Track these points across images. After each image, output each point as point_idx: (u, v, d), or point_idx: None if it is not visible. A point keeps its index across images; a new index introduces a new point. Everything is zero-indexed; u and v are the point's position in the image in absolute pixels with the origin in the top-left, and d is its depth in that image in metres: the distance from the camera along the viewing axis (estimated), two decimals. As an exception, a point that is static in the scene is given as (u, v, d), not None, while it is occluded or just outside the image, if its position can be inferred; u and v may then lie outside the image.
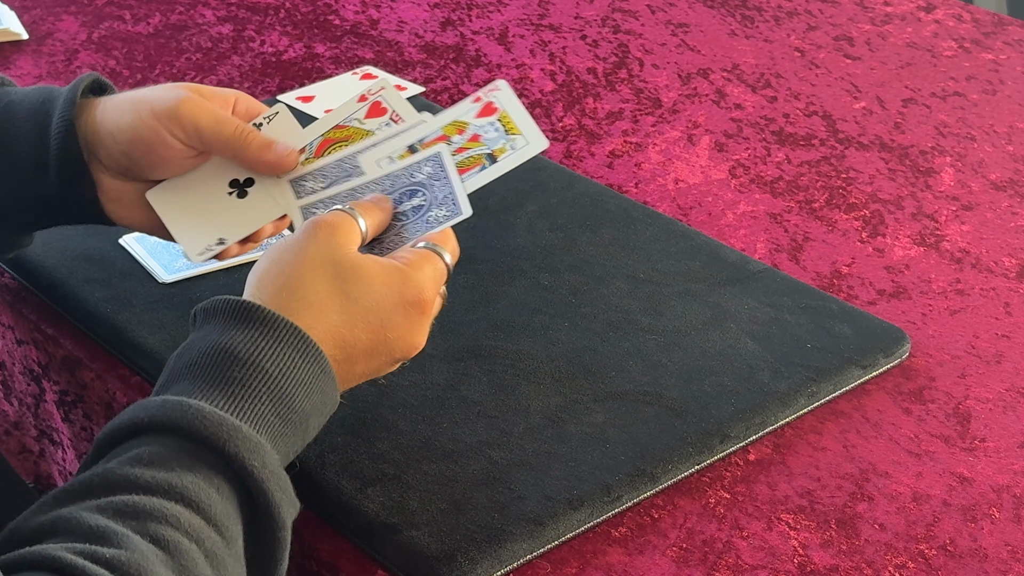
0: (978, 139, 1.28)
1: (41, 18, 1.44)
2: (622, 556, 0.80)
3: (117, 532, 0.63)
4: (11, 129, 0.88)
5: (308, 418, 0.75)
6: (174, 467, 0.68)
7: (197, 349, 0.74)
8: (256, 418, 0.72)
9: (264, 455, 0.70)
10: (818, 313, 0.98)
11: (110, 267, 1.00)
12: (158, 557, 0.63)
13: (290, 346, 0.74)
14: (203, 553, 0.66)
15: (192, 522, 0.66)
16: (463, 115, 0.88)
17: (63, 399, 0.98)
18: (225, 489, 0.68)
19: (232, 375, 0.72)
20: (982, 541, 0.83)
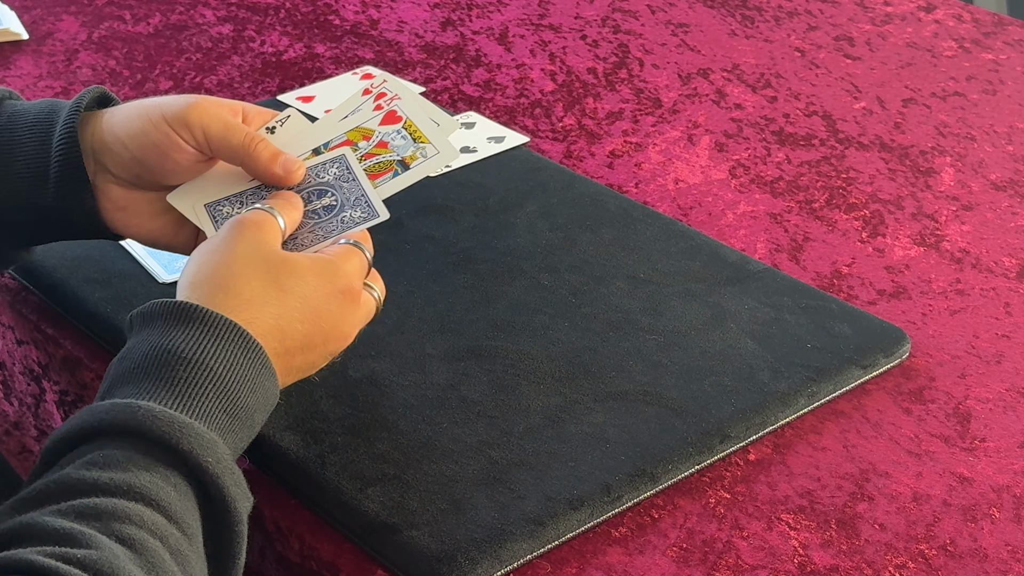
0: (978, 139, 1.28)
1: (41, 18, 1.44)
2: (622, 556, 0.80)
3: (84, 533, 0.64)
4: (14, 139, 0.88)
5: (253, 414, 0.76)
6: (130, 468, 0.68)
7: (139, 352, 0.75)
8: (205, 415, 0.73)
9: (217, 451, 0.71)
10: (818, 313, 0.98)
11: (110, 267, 1.00)
12: (127, 555, 0.64)
13: (232, 343, 0.75)
14: (167, 550, 0.66)
15: (154, 520, 0.67)
16: (366, 122, 0.89)
17: (63, 399, 0.98)
18: (182, 487, 0.69)
19: (177, 375, 0.73)
20: (982, 541, 0.83)
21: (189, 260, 0.81)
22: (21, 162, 0.88)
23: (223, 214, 0.88)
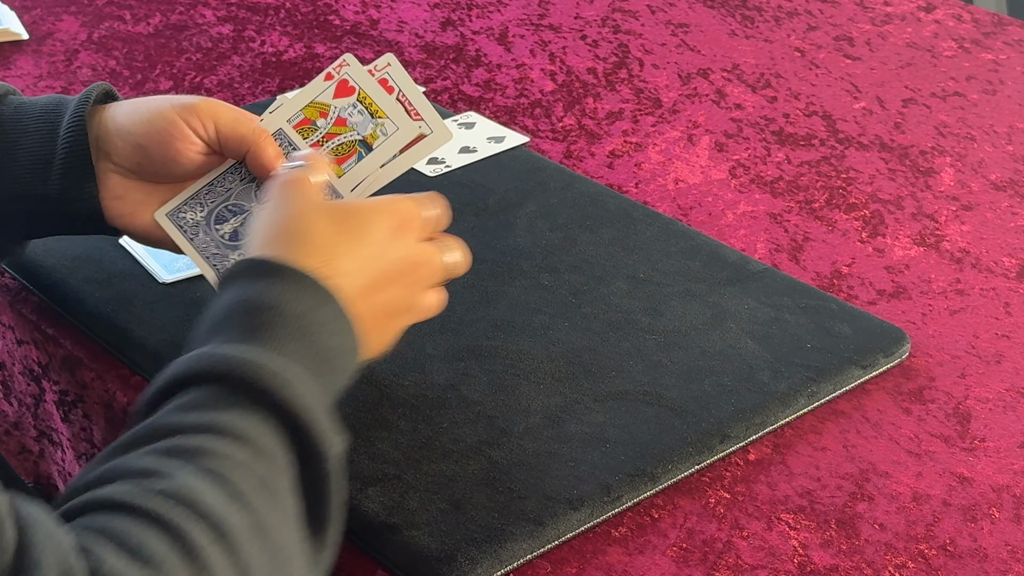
0: (978, 139, 1.28)
1: (41, 18, 1.44)
2: (622, 556, 0.80)
3: (166, 468, 0.65)
4: (18, 128, 0.89)
5: (335, 358, 0.75)
6: (215, 408, 0.69)
7: (217, 308, 0.75)
8: (283, 352, 0.73)
9: (298, 386, 0.70)
10: (818, 313, 0.98)
11: (110, 267, 1.00)
12: (208, 486, 0.65)
13: (307, 290, 0.75)
14: (254, 480, 0.67)
15: (239, 453, 0.67)
16: (319, 95, 0.89)
17: (63, 399, 0.98)
18: (266, 422, 0.69)
19: (255, 321, 0.74)
20: (982, 541, 0.83)
21: (253, 224, 0.81)
22: (25, 150, 0.88)
23: (186, 220, 0.88)
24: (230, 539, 0.64)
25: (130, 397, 0.91)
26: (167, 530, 0.62)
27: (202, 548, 0.62)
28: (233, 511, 0.65)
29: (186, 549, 0.62)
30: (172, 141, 0.87)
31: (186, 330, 0.94)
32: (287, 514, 0.68)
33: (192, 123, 0.87)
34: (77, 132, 0.88)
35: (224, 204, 0.89)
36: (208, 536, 0.63)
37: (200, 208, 0.89)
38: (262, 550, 0.65)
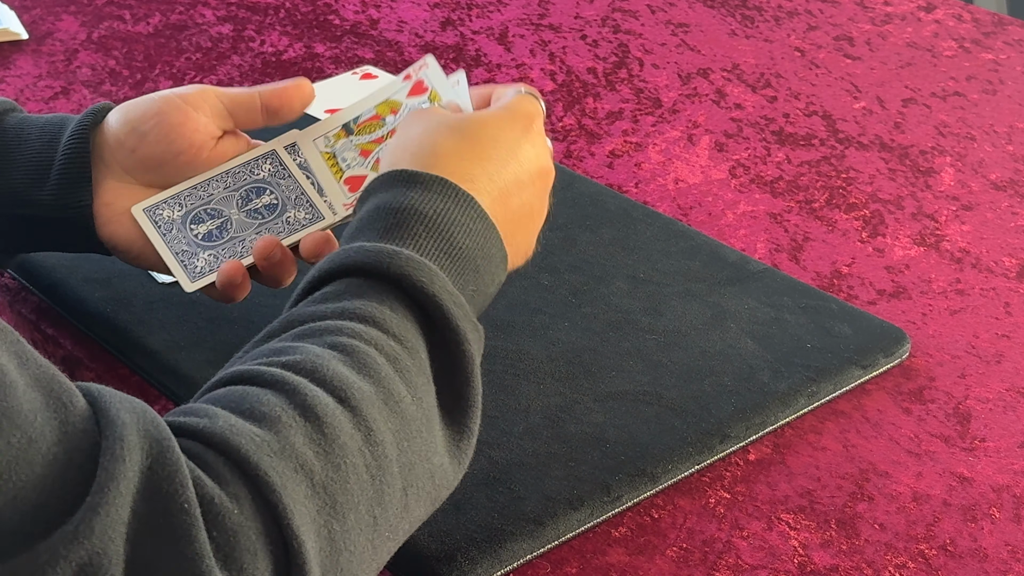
0: (978, 139, 1.28)
1: (41, 18, 1.44)
2: (622, 556, 0.80)
3: (295, 346, 0.67)
4: (20, 138, 0.89)
5: (473, 257, 0.76)
6: (346, 297, 0.70)
7: (359, 217, 0.77)
8: (418, 248, 0.74)
9: (431, 274, 0.71)
10: (818, 313, 0.98)
11: (110, 267, 1.00)
12: (335, 357, 0.66)
13: (442, 193, 0.76)
14: (383, 356, 0.68)
15: (369, 332, 0.68)
16: (395, 94, 0.89)
17: (63, 399, 0.98)
18: (399, 308, 0.70)
19: (388, 222, 0.75)
20: (982, 541, 0.83)
21: (383, 158, 0.82)
22: (25, 157, 0.88)
23: (162, 217, 0.88)
24: (353, 404, 0.64)
25: (130, 397, 0.91)
26: (285, 393, 0.63)
27: (323, 408, 0.63)
28: (358, 379, 0.65)
29: (305, 408, 0.63)
30: (177, 126, 0.87)
31: (186, 330, 0.94)
32: (419, 390, 0.68)
33: (200, 105, 0.87)
34: (79, 140, 0.87)
35: (203, 207, 0.89)
36: (329, 399, 0.64)
37: (179, 208, 0.88)
38: (389, 418, 0.66)
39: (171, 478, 0.57)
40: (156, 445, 0.57)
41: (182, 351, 0.92)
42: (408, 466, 0.66)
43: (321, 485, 0.61)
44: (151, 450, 0.57)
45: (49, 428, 0.56)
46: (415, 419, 0.67)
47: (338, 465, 0.62)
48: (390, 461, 0.65)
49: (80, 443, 0.56)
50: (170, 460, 0.57)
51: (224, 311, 0.95)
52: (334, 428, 0.63)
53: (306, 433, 0.62)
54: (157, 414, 0.60)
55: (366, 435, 0.64)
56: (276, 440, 0.61)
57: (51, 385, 0.57)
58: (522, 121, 0.82)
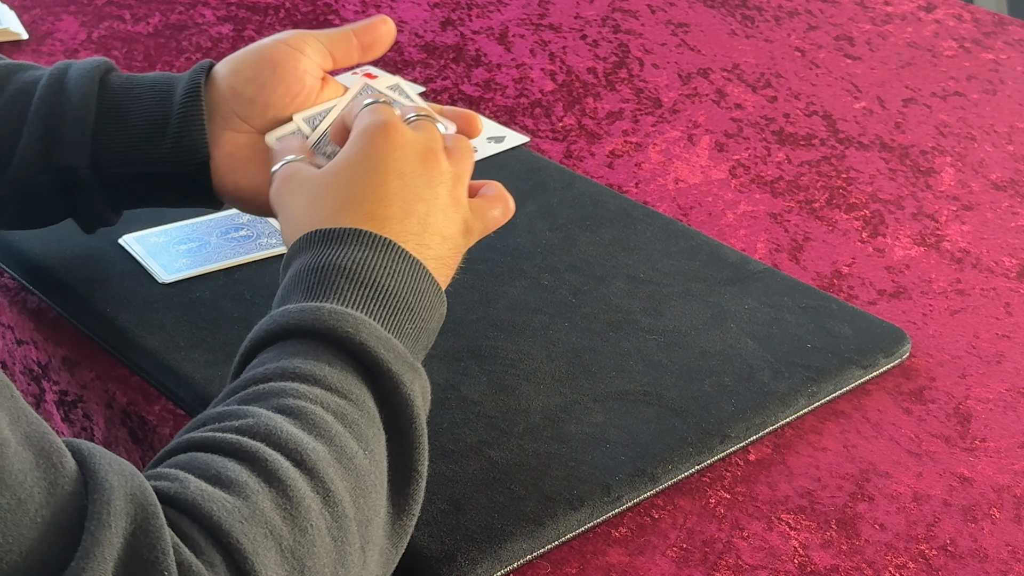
0: (978, 139, 1.28)
1: (41, 18, 1.44)
2: (622, 556, 0.80)
3: (244, 410, 0.67)
4: (132, 95, 0.92)
5: (403, 297, 0.76)
6: (283, 358, 0.71)
7: (281, 287, 0.78)
8: (343, 300, 0.74)
9: (356, 322, 0.72)
10: (818, 313, 0.98)
11: (110, 267, 1.00)
12: (285, 420, 0.66)
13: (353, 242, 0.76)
14: (330, 413, 0.68)
15: (312, 391, 0.69)
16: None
17: (63, 399, 0.98)
18: (337, 362, 0.71)
19: (310, 281, 0.75)
20: (982, 541, 0.83)
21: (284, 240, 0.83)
22: (138, 117, 0.91)
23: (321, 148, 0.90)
24: (309, 466, 0.65)
25: (130, 397, 0.91)
26: (247, 459, 0.64)
27: (284, 472, 0.63)
28: (311, 440, 0.66)
29: (268, 474, 0.63)
30: (284, 64, 0.89)
31: (186, 330, 0.94)
32: (369, 442, 0.69)
33: (299, 45, 0.89)
34: (193, 95, 0.90)
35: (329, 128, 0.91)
36: (288, 463, 0.64)
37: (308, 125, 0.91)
38: (344, 476, 0.66)
39: (153, 546, 0.57)
40: (141, 511, 0.58)
41: (182, 351, 0.92)
42: (364, 523, 0.67)
43: (289, 550, 0.62)
44: (136, 516, 0.58)
45: (38, 489, 0.56)
46: (368, 473, 0.68)
47: (304, 529, 0.63)
48: (348, 520, 0.66)
49: (67, 505, 0.57)
50: (154, 527, 0.58)
51: (224, 311, 0.96)
52: (297, 492, 0.63)
53: (272, 499, 0.63)
54: (144, 478, 0.60)
55: (324, 497, 0.65)
56: (246, 506, 0.61)
57: (42, 444, 0.57)
58: (375, 139, 0.81)
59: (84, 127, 0.90)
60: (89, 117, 0.90)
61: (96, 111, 0.90)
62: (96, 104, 0.91)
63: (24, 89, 0.92)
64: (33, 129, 0.90)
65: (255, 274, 1.00)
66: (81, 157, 0.90)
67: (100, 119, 0.91)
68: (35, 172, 0.91)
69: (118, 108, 0.91)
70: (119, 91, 0.92)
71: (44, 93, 0.91)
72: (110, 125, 0.91)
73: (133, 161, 0.91)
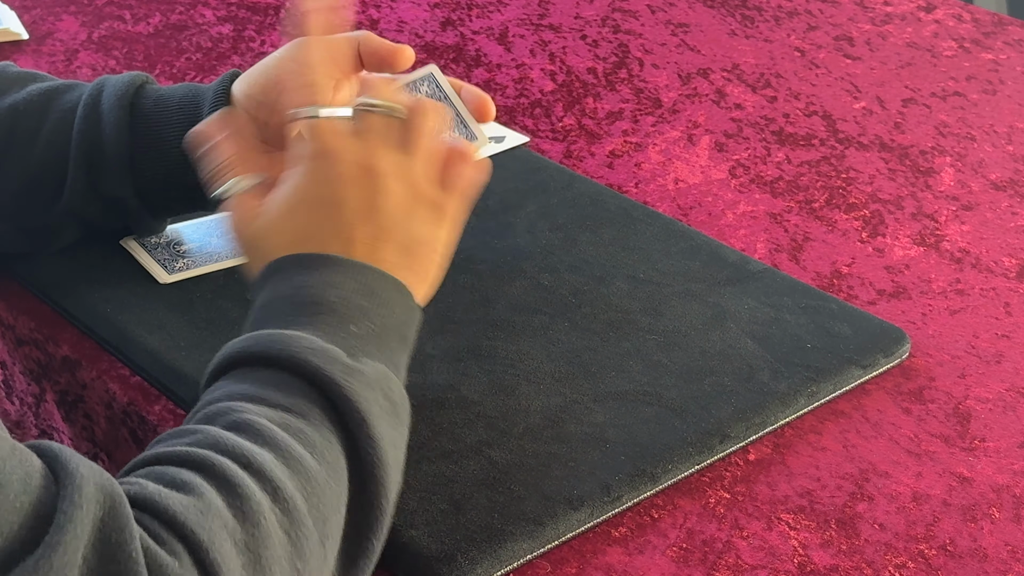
0: (978, 139, 1.28)
1: (41, 18, 1.44)
2: (622, 556, 0.80)
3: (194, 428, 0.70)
4: (163, 119, 0.94)
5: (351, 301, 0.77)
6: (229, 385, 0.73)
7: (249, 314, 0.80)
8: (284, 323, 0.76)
9: (287, 339, 0.73)
10: (818, 313, 0.98)
11: (110, 267, 1.00)
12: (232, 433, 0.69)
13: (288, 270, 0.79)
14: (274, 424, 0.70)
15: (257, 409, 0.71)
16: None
17: (63, 399, 0.98)
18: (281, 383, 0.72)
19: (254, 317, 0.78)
20: (982, 541, 0.83)
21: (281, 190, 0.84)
22: (171, 143, 0.94)
23: None
24: (256, 467, 0.67)
25: (130, 397, 0.91)
26: (197, 466, 0.66)
27: (231, 473, 0.66)
28: (256, 448, 0.68)
29: (217, 476, 0.66)
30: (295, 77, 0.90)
31: (186, 330, 0.94)
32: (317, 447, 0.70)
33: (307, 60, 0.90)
34: None
35: None
36: (235, 466, 0.67)
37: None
38: (292, 477, 0.68)
39: (121, 529, 0.60)
40: (109, 499, 0.61)
41: (182, 351, 0.92)
42: (321, 519, 0.69)
43: (243, 543, 0.64)
44: (105, 503, 0.60)
45: (16, 477, 0.59)
46: (319, 474, 0.70)
47: (256, 523, 0.65)
48: (302, 515, 0.67)
49: (42, 495, 0.60)
50: (122, 514, 0.61)
51: (224, 311, 0.96)
52: (245, 490, 0.66)
53: (223, 498, 0.65)
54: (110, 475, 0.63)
55: (273, 495, 0.67)
56: (200, 503, 0.64)
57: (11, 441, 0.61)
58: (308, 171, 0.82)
59: (122, 159, 0.94)
60: (124, 149, 0.94)
61: (130, 141, 0.94)
62: (129, 135, 0.94)
63: (63, 118, 0.95)
64: (77, 163, 0.94)
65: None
66: (125, 187, 0.95)
67: (136, 148, 0.94)
68: (86, 203, 0.96)
69: (151, 136, 0.94)
70: (151, 115, 0.95)
71: (82, 126, 0.94)
72: (146, 154, 0.94)
73: (172, 185, 0.95)
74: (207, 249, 1.02)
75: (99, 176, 0.94)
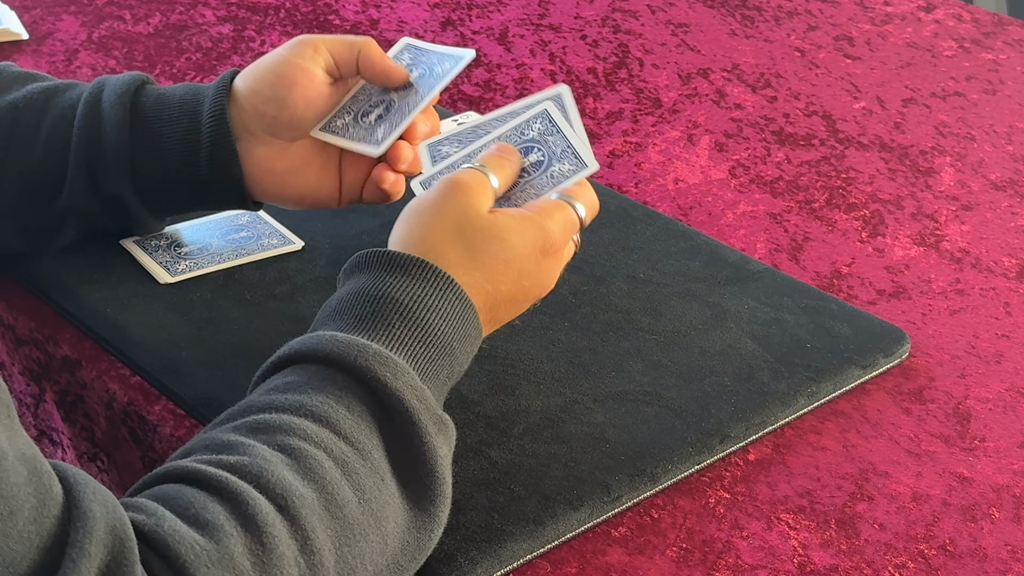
0: (978, 139, 1.28)
1: (41, 18, 1.44)
2: (622, 556, 0.80)
3: (244, 443, 0.68)
4: (163, 118, 0.95)
5: (449, 342, 0.77)
6: (306, 390, 0.72)
7: (338, 297, 0.78)
8: (390, 340, 0.75)
9: (396, 368, 0.73)
10: (818, 313, 0.98)
11: (110, 267, 1.00)
12: (282, 461, 0.67)
13: (422, 279, 0.77)
14: (331, 459, 0.69)
15: (320, 434, 0.69)
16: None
17: (63, 399, 0.98)
18: (357, 405, 0.72)
19: (364, 310, 0.76)
20: (982, 541, 0.83)
21: (399, 221, 0.83)
22: (171, 142, 0.94)
23: (337, 126, 0.94)
24: (292, 512, 0.66)
25: (130, 397, 0.91)
26: (228, 501, 0.64)
27: (263, 517, 0.64)
28: (300, 486, 0.67)
29: (246, 518, 0.64)
30: (297, 78, 0.92)
31: (186, 330, 0.94)
32: (367, 492, 0.69)
33: (306, 56, 0.92)
34: (219, 118, 0.93)
35: (367, 103, 0.95)
36: (270, 507, 0.65)
37: (348, 114, 0.95)
38: (330, 524, 0.67)
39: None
40: (119, 544, 0.60)
41: (182, 351, 0.92)
42: (348, 572, 0.68)
43: None
44: (114, 548, 0.59)
45: (28, 505, 0.58)
46: (359, 523, 0.69)
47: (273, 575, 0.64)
48: (326, 570, 0.66)
49: (52, 528, 0.58)
50: (128, 561, 0.60)
51: (224, 311, 0.96)
52: (272, 538, 0.64)
53: (245, 543, 0.64)
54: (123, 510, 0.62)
55: (302, 544, 0.66)
56: (216, 550, 0.63)
57: (35, 464, 0.59)
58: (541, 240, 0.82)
59: (122, 157, 0.94)
60: (124, 147, 0.94)
61: (130, 139, 0.94)
62: (129, 133, 0.94)
63: (63, 116, 0.95)
64: (77, 161, 0.94)
65: (255, 274, 1.00)
66: (124, 185, 0.95)
67: (135, 147, 0.94)
68: (86, 201, 0.96)
69: (151, 135, 0.95)
70: (150, 114, 0.95)
71: (82, 123, 0.94)
72: (146, 153, 0.95)
73: (171, 184, 0.96)
74: (208, 250, 1.02)
75: (99, 175, 0.94)
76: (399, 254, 0.78)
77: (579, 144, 0.87)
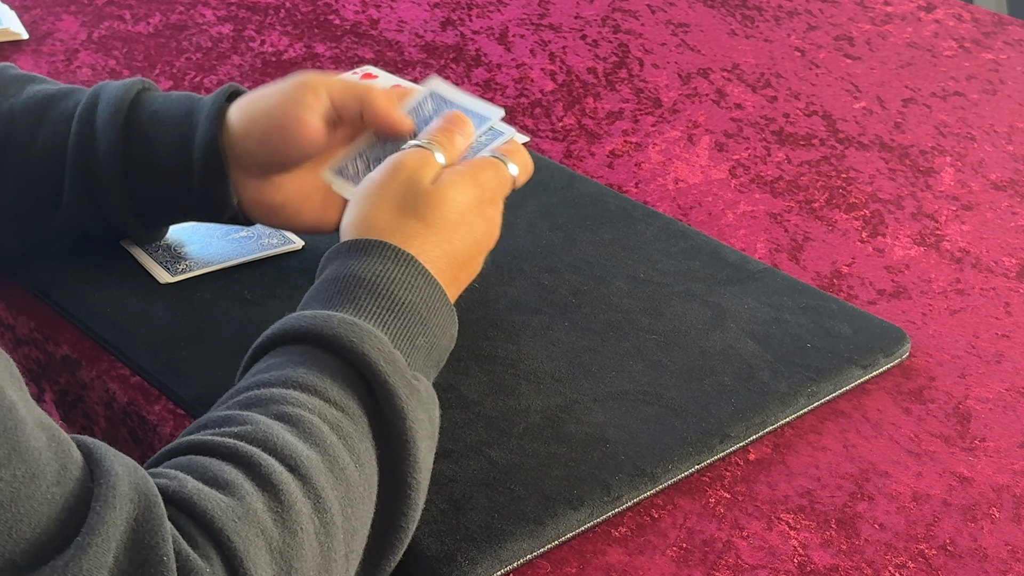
0: (978, 139, 1.28)
1: (41, 18, 1.44)
2: (622, 556, 0.80)
3: (242, 415, 0.69)
4: (158, 136, 0.94)
5: (419, 310, 0.79)
6: (287, 365, 0.73)
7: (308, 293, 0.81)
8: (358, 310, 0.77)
9: (362, 333, 0.74)
10: (818, 313, 0.98)
11: (110, 267, 1.00)
12: (283, 427, 0.68)
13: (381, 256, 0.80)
14: (327, 424, 0.70)
15: (311, 401, 0.71)
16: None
17: (63, 399, 0.98)
18: (338, 374, 0.73)
19: (331, 291, 0.79)
20: (982, 541, 0.83)
21: (349, 206, 0.85)
22: (166, 160, 0.94)
23: (348, 171, 0.94)
24: (302, 472, 0.67)
25: (130, 397, 0.91)
26: (242, 463, 0.66)
27: (277, 476, 0.65)
28: (305, 448, 0.68)
29: (262, 478, 0.65)
30: (291, 126, 0.91)
31: (186, 330, 0.94)
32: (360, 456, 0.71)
33: (305, 103, 0.91)
34: (211, 151, 0.92)
35: (381, 150, 0.94)
36: (282, 467, 0.66)
37: (360, 160, 0.94)
38: (335, 486, 0.68)
39: (154, 532, 0.60)
40: (144, 499, 0.60)
41: (182, 351, 0.92)
42: (351, 532, 0.69)
43: (279, 551, 0.64)
44: (140, 503, 0.60)
45: (50, 469, 0.58)
46: (358, 486, 0.70)
47: (294, 532, 0.65)
48: (336, 528, 0.67)
49: (75, 489, 0.59)
50: (156, 515, 0.60)
51: (224, 311, 0.96)
52: (289, 496, 0.65)
53: (264, 501, 0.65)
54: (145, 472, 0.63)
55: (315, 503, 0.67)
56: (240, 507, 0.63)
57: (52, 431, 0.60)
58: (480, 195, 0.86)
59: (116, 177, 0.94)
60: (118, 166, 0.94)
61: (123, 161, 0.94)
62: (123, 153, 0.93)
63: (58, 132, 0.95)
64: (73, 180, 0.94)
65: (255, 274, 1.00)
66: (120, 204, 0.95)
67: (128, 168, 0.94)
68: (83, 217, 0.96)
69: (144, 156, 0.94)
70: (146, 132, 0.94)
71: (76, 141, 0.94)
72: (141, 175, 0.94)
73: (168, 206, 0.96)
74: (208, 250, 1.02)
75: (94, 193, 0.94)
76: (357, 240, 0.81)
77: (472, 103, 0.92)
